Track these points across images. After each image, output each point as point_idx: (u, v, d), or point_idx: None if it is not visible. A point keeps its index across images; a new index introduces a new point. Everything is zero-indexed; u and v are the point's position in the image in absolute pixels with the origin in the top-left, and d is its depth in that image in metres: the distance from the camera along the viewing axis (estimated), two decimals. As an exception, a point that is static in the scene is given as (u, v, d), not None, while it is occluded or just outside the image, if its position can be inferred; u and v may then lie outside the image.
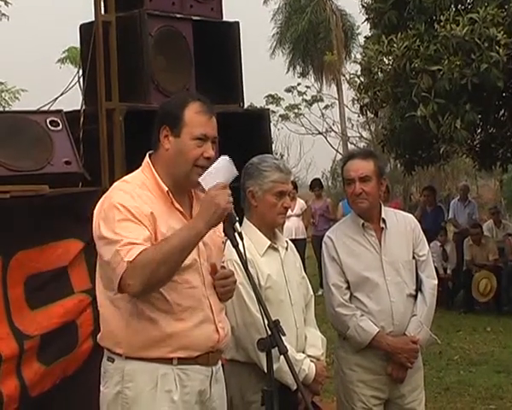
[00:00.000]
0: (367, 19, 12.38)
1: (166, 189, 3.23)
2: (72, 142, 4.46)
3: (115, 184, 3.29)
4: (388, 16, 11.32)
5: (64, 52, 19.77)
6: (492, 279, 12.16)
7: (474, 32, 9.86)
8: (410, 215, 4.57)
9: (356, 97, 27.68)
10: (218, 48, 5.32)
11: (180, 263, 3.06)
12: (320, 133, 30.04)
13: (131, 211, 3.09)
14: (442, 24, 10.21)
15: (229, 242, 3.25)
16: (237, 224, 3.18)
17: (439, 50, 10.30)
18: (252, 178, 3.94)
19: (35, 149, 4.32)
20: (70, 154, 4.42)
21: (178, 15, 4.99)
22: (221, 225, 3.29)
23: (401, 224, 4.35)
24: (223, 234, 3.34)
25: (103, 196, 3.22)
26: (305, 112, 29.88)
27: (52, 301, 4.11)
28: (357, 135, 31.18)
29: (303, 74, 33.21)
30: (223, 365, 3.45)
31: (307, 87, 30.34)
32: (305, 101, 29.89)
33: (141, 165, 3.35)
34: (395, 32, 11.01)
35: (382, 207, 4.34)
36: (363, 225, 4.28)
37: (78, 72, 4.96)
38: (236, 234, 3.17)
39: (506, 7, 9.94)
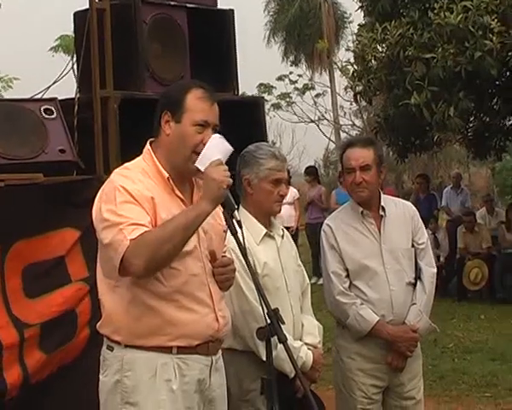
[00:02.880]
0: (360, 6, 12.35)
1: (167, 175, 3.21)
2: (66, 130, 4.45)
3: (116, 170, 3.26)
4: (382, 4, 11.28)
5: (56, 40, 19.63)
6: (484, 268, 12.19)
7: (468, 20, 9.82)
8: (409, 203, 4.56)
9: (349, 85, 27.81)
10: (212, 35, 5.30)
11: (184, 242, 3.04)
12: (312, 121, 30.05)
13: (132, 194, 3.08)
14: (436, 12, 10.16)
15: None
16: (236, 212, 3.17)
17: (433, 38, 10.27)
18: (248, 166, 3.93)
19: (29, 137, 4.31)
20: (64, 142, 4.41)
21: (173, 3, 4.97)
22: (222, 214, 3.28)
23: (400, 212, 4.34)
24: (224, 222, 3.32)
25: (105, 183, 3.21)
26: (298, 100, 29.93)
27: (50, 290, 4.11)
28: (350, 123, 31.25)
29: (295, 63, 33.17)
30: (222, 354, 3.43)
31: (299, 76, 30.38)
32: (297, 89, 29.89)
33: (135, 153, 3.34)
34: (389, 20, 10.98)
35: (381, 194, 4.33)
36: (362, 212, 4.26)
37: (71, 60, 4.94)
38: (235, 222, 3.16)
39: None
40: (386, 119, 12.08)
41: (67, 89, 4.90)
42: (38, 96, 4.68)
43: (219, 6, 5.39)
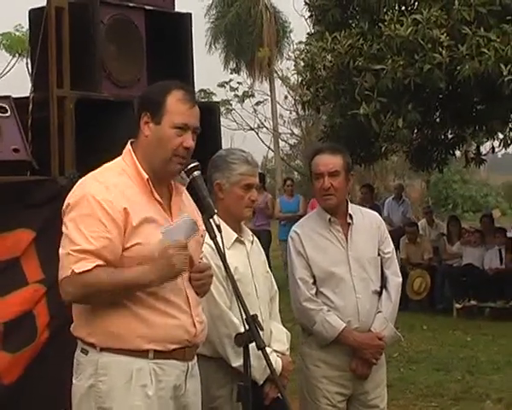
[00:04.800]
0: (310, 15, 12.41)
1: (147, 177, 3.16)
2: (20, 129, 4.37)
3: (93, 172, 3.20)
4: (332, 13, 11.38)
5: (-2, 37, 19.06)
6: (426, 278, 12.35)
7: (418, 33, 9.95)
8: (376, 213, 4.58)
9: (289, 94, 27.93)
10: (169, 38, 5.25)
11: (120, 298, 3.06)
12: (252, 129, 30.11)
13: (102, 205, 3.03)
14: (386, 23, 10.28)
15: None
16: (215, 216, 3.16)
17: (383, 50, 10.39)
18: (219, 171, 3.90)
19: (-18, 135, 4.19)
20: (18, 141, 4.33)
21: (131, 4, 4.91)
22: (200, 218, 3.25)
23: (367, 221, 4.35)
24: (203, 227, 3.28)
25: (79, 181, 3.18)
26: (237, 107, 29.94)
27: (8, 291, 4.03)
28: (289, 132, 31.44)
29: (235, 70, 33.21)
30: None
31: (239, 83, 30.40)
32: (237, 96, 29.91)
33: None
34: (339, 30, 11.08)
35: (349, 203, 4.33)
36: (329, 220, 4.26)
37: (18, 58, 4.84)
38: (214, 226, 3.14)
39: (449, 9, 10.04)
40: (333, 127, 12.14)
41: (15, 87, 4.80)
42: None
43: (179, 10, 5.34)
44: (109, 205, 3.03)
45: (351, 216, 4.28)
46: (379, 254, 4.31)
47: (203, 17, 33.01)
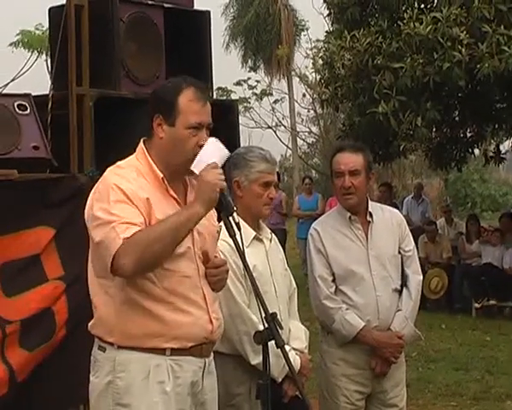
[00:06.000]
0: (328, 14, 12.37)
1: (161, 175, 3.16)
2: (40, 126, 4.37)
3: (109, 168, 3.20)
4: (351, 11, 11.30)
5: (17, 35, 19.18)
6: (443, 277, 12.29)
7: (437, 31, 9.86)
8: (397, 211, 4.57)
9: (307, 92, 27.88)
10: (188, 36, 5.25)
11: (175, 244, 3.01)
12: (269, 127, 30.07)
13: (127, 193, 3.03)
14: (405, 21, 10.21)
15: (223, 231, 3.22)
16: (235, 214, 3.15)
17: (402, 48, 10.31)
18: (238, 168, 3.90)
19: (2, 132, 4.22)
20: (38, 139, 4.33)
21: (150, 2, 4.90)
22: (215, 214, 3.25)
23: (387, 219, 4.33)
24: (217, 223, 3.28)
25: (100, 178, 3.17)
26: (255, 106, 29.91)
27: (27, 288, 4.04)
28: (307, 130, 31.36)
29: (253, 68, 33.20)
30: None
31: (257, 81, 30.37)
32: (255, 95, 29.89)
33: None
34: (357, 28, 11.00)
35: (369, 201, 4.31)
36: (349, 218, 4.25)
37: (37, 56, 4.85)
38: (234, 224, 3.13)
39: (469, 7, 9.97)
40: (352, 126, 12.10)
41: (36, 85, 4.81)
42: (6, 92, 4.58)
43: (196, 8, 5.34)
44: (132, 194, 3.04)
45: (371, 214, 4.27)
46: (399, 252, 4.30)
47: (220, 15, 33.06)
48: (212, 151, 3.12)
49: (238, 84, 29.69)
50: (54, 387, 4.11)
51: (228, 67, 26.53)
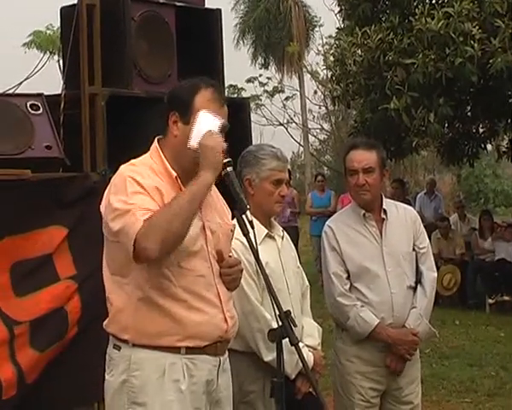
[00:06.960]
0: (340, 10, 12.35)
1: (175, 174, 3.16)
2: (52, 126, 4.38)
3: (123, 165, 3.20)
4: (362, 8, 11.28)
5: (30, 35, 19.32)
6: (456, 273, 12.26)
7: (449, 27, 9.82)
8: (411, 208, 4.56)
9: (318, 89, 27.82)
10: (200, 34, 5.25)
11: (191, 217, 2.99)
12: (281, 124, 30.07)
13: (143, 185, 3.04)
14: (417, 17, 10.17)
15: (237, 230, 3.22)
16: (248, 212, 3.14)
17: (414, 44, 10.27)
18: (249, 166, 3.91)
19: (15, 132, 4.24)
20: (51, 138, 4.35)
21: (161, 1, 4.91)
22: (230, 213, 3.25)
23: (402, 216, 4.32)
24: (231, 222, 3.28)
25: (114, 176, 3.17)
26: (267, 103, 29.92)
27: (39, 288, 4.05)
28: (318, 127, 31.34)
29: (264, 65, 33.17)
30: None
31: (268, 78, 30.36)
32: (267, 92, 29.90)
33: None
34: (369, 25, 10.97)
35: (383, 198, 4.31)
36: (364, 215, 4.24)
37: (49, 56, 4.87)
38: (247, 222, 3.13)
39: (481, 2, 9.93)
40: (363, 123, 12.07)
41: (46, 85, 4.82)
42: (16, 92, 4.60)
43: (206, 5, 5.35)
44: (148, 185, 3.05)
45: (385, 211, 4.26)
46: (414, 249, 4.28)
47: (229, 12, 33.06)
48: (205, 122, 3.10)
49: (249, 81, 29.73)
50: (63, 386, 4.12)
51: (238, 63, 26.52)
